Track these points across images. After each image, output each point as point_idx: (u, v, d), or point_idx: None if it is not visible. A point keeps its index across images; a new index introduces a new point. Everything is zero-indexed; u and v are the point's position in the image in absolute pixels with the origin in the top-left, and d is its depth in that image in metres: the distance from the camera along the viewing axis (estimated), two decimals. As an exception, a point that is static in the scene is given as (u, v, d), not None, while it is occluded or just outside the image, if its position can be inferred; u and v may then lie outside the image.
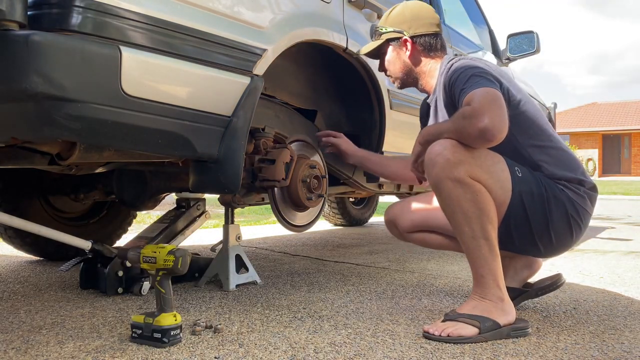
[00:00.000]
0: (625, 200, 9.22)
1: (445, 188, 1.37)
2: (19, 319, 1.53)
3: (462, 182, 1.35)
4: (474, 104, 1.33)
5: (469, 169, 1.36)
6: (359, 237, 3.74)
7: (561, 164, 1.51)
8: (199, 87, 1.35)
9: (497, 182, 1.41)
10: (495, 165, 1.42)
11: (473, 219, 1.36)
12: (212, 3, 1.38)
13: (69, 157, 1.43)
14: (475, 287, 1.41)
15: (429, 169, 1.40)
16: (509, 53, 3.64)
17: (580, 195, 1.49)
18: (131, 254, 1.36)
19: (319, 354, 1.22)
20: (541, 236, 1.49)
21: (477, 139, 1.33)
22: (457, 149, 1.36)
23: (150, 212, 5.04)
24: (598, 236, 3.84)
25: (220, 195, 1.91)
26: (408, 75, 1.71)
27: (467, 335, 1.31)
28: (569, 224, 1.49)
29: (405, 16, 1.67)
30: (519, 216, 1.45)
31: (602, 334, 1.41)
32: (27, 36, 1.03)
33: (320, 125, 2.30)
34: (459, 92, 1.43)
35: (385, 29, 1.69)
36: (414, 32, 1.65)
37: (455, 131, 1.36)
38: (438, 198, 1.43)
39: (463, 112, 1.35)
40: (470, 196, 1.36)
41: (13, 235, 2.41)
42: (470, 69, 1.44)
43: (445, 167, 1.35)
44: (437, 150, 1.38)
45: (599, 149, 25.28)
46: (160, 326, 1.25)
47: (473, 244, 1.37)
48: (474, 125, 1.30)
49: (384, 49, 1.71)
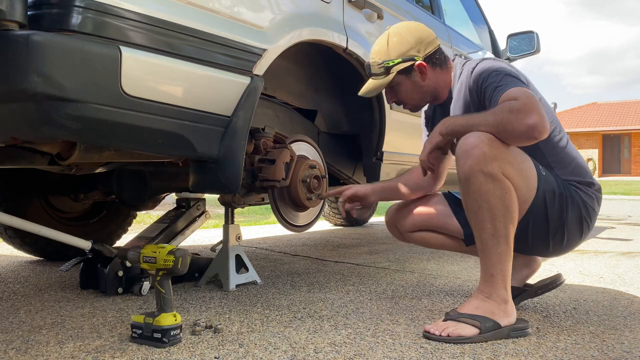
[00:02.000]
0: (625, 200, 9.22)
1: (476, 182, 1.34)
2: (19, 319, 1.53)
3: (494, 177, 1.33)
4: (523, 100, 1.30)
5: (502, 165, 1.34)
6: (359, 237, 3.74)
7: (573, 165, 1.52)
8: (199, 87, 1.35)
9: (524, 180, 1.40)
10: (524, 163, 1.41)
11: (498, 217, 1.34)
12: (212, 3, 1.38)
13: (69, 157, 1.43)
14: (482, 286, 1.39)
15: (462, 160, 1.36)
16: (509, 53, 3.64)
17: (590, 196, 1.51)
18: (131, 254, 1.36)
19: (319, 354, 1.22)
20: (555, 235, 1.49)
21: (522, 135, 1.31)
22: (494, 143, 1.33)
23: (150, 212, 5.04)
24: (598, 236, 3.84)
25: (220, 195, 1.91)
26: (425, 97, 1.63)
27: (467, 335, 1.31)
28: (581, 224, 1.50)
29: (410, 42, 1.56)
30: (539, 215, 1.45)
31: (602, 334, 1.41)
32: (27, 36, 1.03)
33: (320, 125, 2.30)
34: (492, 89, 1.40)
35: (393, 62, 1.55)
36: (425, 54, 1.57)
37: (496, 124, 1.33)
38: (464, 191, 1.39)
39: (510, 107, 1.31)
40: (500, 193, 1.34)
41: (13, 235, 2.41)
42: (502, 69, 1.43)
43: (481, 160, 1.32)
44: (473, 142, 1.34)
45: (599, 149, 25.28)
46: (160, 326, 1.25)
47: (492, 241, 1.36)
48: (522, 120, 1.28)
49: (394, 82, 1.59)
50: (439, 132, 1.45)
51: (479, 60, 1.53)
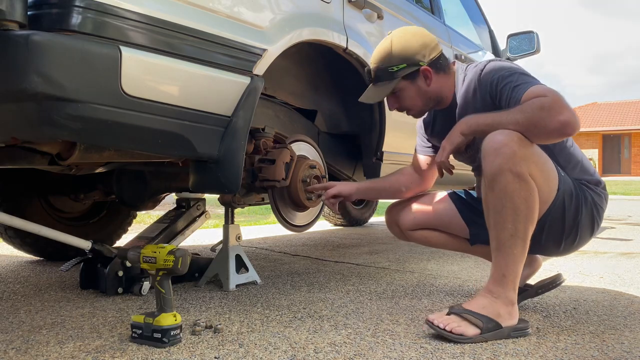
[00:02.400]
0: (625, 200, 9.22)
1: (503, 181, 1.32)
2: (19, 319, 1.53)
3: (522, 178, 1.31)
4: (552, 97, 1.29)
5: (530, 165, 1.33)
6: (359, 237, 3.74)
7: (580, 165, 1.53)
8: (199, 87, 1.35)
9: (546, 181, 1.39)
10: (546, 164, 1.41)
11: (520, 218, 1.33)
12: (212, 3, 1.38)
13: (69, 157, 1.43)
14: (492, 286, 1.37)
15: (490, 158, 1.33)
16: (509, 53, 3.64)
17: (599, 195, 1.51)
18: (131, 254, 1.36)
19: (319, 354, 1.22)
20: (568, 236, 1.49)
21: (554, 131, 1.29)
22: (524, 143, 1.32)
23: (150, 212, 5.04)
24: (598, 236, 3.83)
25: (220, 195, 1.91)
26: (429, 103, 1.61)
27: (468, 334, 1.30)
28: (592, 224, 1.50)
29: (414, 47, 1.53)
30: (556, 216, 1.45)
31: (602, 334, 1.41)
32: (27, 36, 1.03)
33: (320, 125, 2.30)
34: (510, 89, 1.38)
35: (397, 67, 1.53)
36: (430, 59, 1.54)
37: (526, 122, 1.30)
38: (489, 189, 1.36)
39: (541, 103, 1.29)
40: (525, 194, 1.32)
41: (13, 235, 2.41)
42: (514, 69, 1.42)
43: (510, 159, 1.30)
44: (502, 140, 1.32)
45: (599, 149, 25.28)
46: (160, 326, 1.25)
47: (510, 242, 1.34)
48: (554, 117, 1.27)
49: (398, 88, 1.57)
50: (461, 131, 1.42)
51: (485, 62, 1.50)
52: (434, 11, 2.92)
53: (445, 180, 1.57)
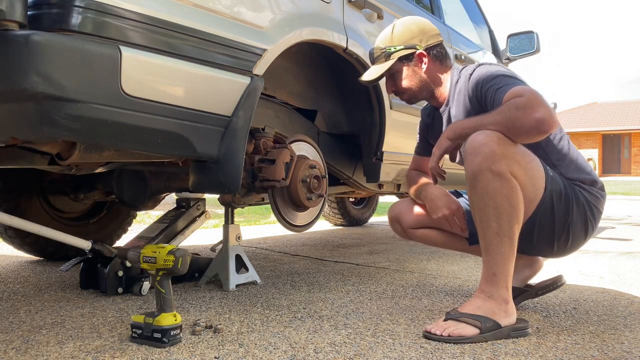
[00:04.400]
0: (625, 200, 9.22)
1: (484, 179, 1.34)
2: (19, 319, 1.53)
3: (502, 176, 1.33)
4: (528, 96, 1.31)
5: (510, 164, 1.34)
6: (359, 237, 3.74)
7: (576, 164, 1.53)
8: (199, 87, 1.35)
9: (530, 180, 1.40)
10: (531, 162, 1.41)
11: (503, 216, 1.34)
12: (212, 3, 1.38)
13: (69, 157, 1.42)
14: (484, 286, 1.39)
15: (470, 158, 1.36)
16: (509, 53, 3.64)
17: (594, 196, 1.51)
18: (131, 254, 1.36)
19: (319, 354, 1.22)
20: (560, 236, 1.49)
21: (531, 129, 1.31)
22: (503, 141, 1.34)
23: (150, 212, 5.04)
24: (598, 236, 3.84)
25: (220, 195, 1.91)
26: (423, 90, 1.65)
27: (468, 335, 1.31)
28: (585, 225, 1.50)
29: (413, 31, 1.61)
30: (545, 215, 1.45)
31: (602, 334, 1.41)
32: (27, 36, 1.03)
33: (320, 125, 2.30)
34: (493, 91, 1.41)
35: (395, 48, 1.60)
36: (427, 44, 1.61)
37: (504, 122, 1.33)
38: (471, 189, 1.38)
39: (516, 103, 1.32)
40: (506, 192, 1.33)
41: (13, 235, 2.41)
42: (499, 72, 1.45)
43: (489, 158, 1.32)
44: (482, 140, 1.34)
45: (599, 149, 25.28)
46: (160, 326, 1.25)
47: (496, 240, 1.35)
48: (530, 115, 1.29)
49: (395, 69, 1.63)
50: (447, 137, 1.45)
51: (475, 66, 1.54)
52: (434, 11, 2.92)
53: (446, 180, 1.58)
